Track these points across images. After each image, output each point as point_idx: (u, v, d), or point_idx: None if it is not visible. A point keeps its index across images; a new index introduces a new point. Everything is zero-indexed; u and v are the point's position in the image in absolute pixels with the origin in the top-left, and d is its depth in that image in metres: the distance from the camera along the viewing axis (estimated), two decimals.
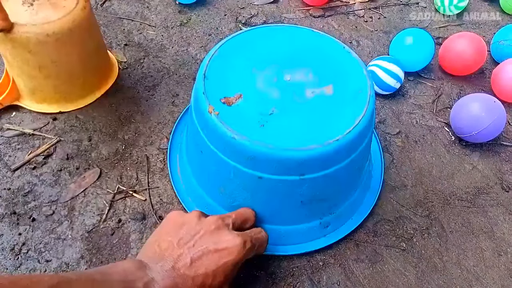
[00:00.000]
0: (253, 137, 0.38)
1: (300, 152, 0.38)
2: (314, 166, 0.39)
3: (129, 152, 0.54)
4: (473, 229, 0.51)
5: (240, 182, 0.42)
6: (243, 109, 0.41)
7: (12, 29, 0.48)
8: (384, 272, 0.46)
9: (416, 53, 0.64)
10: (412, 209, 0.51)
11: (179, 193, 0.50)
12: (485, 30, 0.78)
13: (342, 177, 0.43)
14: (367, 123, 0.41)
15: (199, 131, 0.42)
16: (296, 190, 0.41)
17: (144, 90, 0.62)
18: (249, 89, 0.42)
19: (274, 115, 0.40)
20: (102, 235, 0.47)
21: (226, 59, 0.44)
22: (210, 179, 0.45)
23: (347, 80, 0.44)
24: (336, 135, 0.39)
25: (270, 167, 0.39)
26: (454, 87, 0.67)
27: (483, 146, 0.59)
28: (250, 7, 0.77)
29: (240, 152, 0.39)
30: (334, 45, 0.47)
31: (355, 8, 0.79)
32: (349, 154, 0.41)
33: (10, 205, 0.48)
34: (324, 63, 0.45)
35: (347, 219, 0.48)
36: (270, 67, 0.45)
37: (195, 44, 0.69)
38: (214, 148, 0.41)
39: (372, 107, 0.42)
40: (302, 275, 0.45)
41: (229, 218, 0.40)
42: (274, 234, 0.44)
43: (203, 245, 0.37)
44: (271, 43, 0.47)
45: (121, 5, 0.75)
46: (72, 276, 0.31)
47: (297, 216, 0.45)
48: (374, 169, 0.54)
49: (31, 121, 0.56)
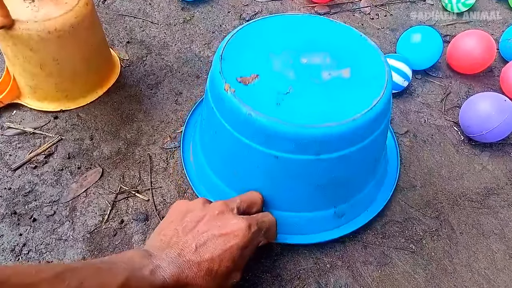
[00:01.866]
0: (269, 114, 0.38)
1: (317, 129, 0.37)
2: (330, 145, 0.39)
3: (132, 152, 0.53)
4: (483, 230, 0.49)
5: (255, 163, 0.41)
6: (260, 88, 0.40)
7: (13, 26, 0.47)
8: (393, 274, 0.45)
9: (424, 51, 0.63)
10: (421, 210, 0.50)
11: (190, 179, 0.50)
12: (493, 28, 0.76)
13: (357, 162, 0.42)
14: (384, 106, 0.40)
15: (215, 111, 0.42)
16: (312, 171, 0.40)
17: (146, 88, 0.61)
18: (265, 70, 0.42)
19: (290, 94, 0.40)
20: (104, 236, 0.46)
21: (243, 43, 0.45)
22: (224, 162, 0.45)
23: (365, 65, 0.44)
24: (353, 115, 0.38)
25: (286, 146, 0.38)
26: (463, 86, 0.66)
27: (493, 146, 0.58)
28: (254, 4, 0.76)
29: (256, 130, 0.38)
30: (351, 33, 0.47)
31: (361, 6, 0.78)
32: (365, 136, 0.40)
33: (11, 205, 0.47)
34: (341, 48, 0.45)
35: (362, 211, 0.47)
36: (287, 51, 0.44)
37: (198, 42, 0.68)
38: (229, 126, 0.41)
39: (389, 92, 0.42)
40: (309, 277, 0.44)
41: (234, 203, 0.40)
42: (286, 222, 0.44)
43: (207, 231, 0.37)
44: (289, 30, 0.47)
45: (123, 2, 0.74)
46: (77, 265, 0.31)
47: (311, 202, 0.44)
48: (390, 166, 0.53)
49: (32, 119, 0.55)
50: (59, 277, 0.28)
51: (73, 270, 0.30)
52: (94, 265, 0.32)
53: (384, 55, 0.61)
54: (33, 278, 0.27)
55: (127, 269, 0.32)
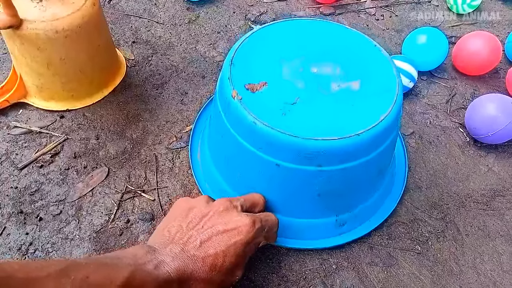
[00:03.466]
0: (273, 124, 0.38)
1: (319, 142, 0.37)
2: (332, 158, 0.39)
3: (137, 151, 0.53)
4: (489, 232, 0.49)
5: (257, 169, 0.41)
6: (267, 97, 0.40)
7: (21, 25, 0.47)
8: (399, 276, 0.45)
9: (430, 52, 0.63)
10: (427, 212, 0.50)
11: (196, 176, 0.50)
12: (498, 30, 0.76)
13: (360, 174, 0.42)
14: (390, 122, 0.40)
15: (222, 115, 0.43)
16: (313, 181, 0.40)
17: (152, 88, 0.61)
18: (274, 78, 0.42)
19: (297, 105, 0.40)
20: (110, 236, 0.46)
21: (254, 48, 0.45)
22: (229, 165, 0.45)
23: (375, 78, 0.43)
24: (357, 130, 0.38)
25: (288, 155, 0.39)
26: (468, 87, 0.66)
27: (499, 148, 0.58)
28: (259, 4, 0.76)
29: (260, 138, 0.39)
30: (365, 42, 0.47)
31: (366, 6, 0.78)
32: (369, 151, 0.40)
33: (17, 204, 0.47)
34: (353, 59, 0.45)
35: (365, 221, 0.47)
36: (297, 59, 0.44)
37: (204, 42, 0.68)
38: (235, 132, 0.41)
39: (398, 107, 0.41)
40: (314, 278, 0.44)
41: (237, 201, 0.40)
42: (287, 226, 0.44)
43: (212, 226, 0.37)
44: (301, 36, 0.47)
45: (129, 2, 0.74)
46: (82, 261, 0.31)
47: (313, 209, 0.44)
48: (397, 174, 0.52)
49: (38, 118, 0.55)
50: (64, 272, 0.29)
51: (78, 265, 0.30)
52: (98, 260, 0.32)
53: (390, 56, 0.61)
54: (38, 273, 0.28)
55: (132, 264, 0.32)
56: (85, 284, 0.29)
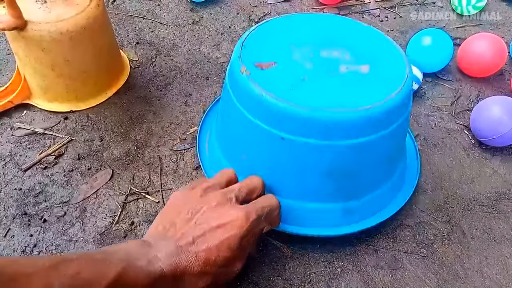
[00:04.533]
0: (281, 96, 0.38)
1: (326, 112, 0.37)
2: (338, 132, 0.38)
3: (141, 153, 0.53)
4: (495, 235, 0.49)
5: (262, 145, 0.41)
6: (275, 74, 0.41)
7: (25, 27, 0.47)
8: (404, 279, 0.45)
9: (435, 54, 0.63)
10: (432, 214, 0.50)
11: (203, 163, 0.50)
12: (504, 31, 0.76)
13: (368, 154, 0.42)
14: (401, 101, 0.40)
15: (230, 92, 0.43)
16: (318, 156, 0.40)
17: (156, 90, 0.61)
18: (283, 59, 0.43)
19: (305, 81, 0.41)
20: (115, 238, 0.46)
21: (266, 34, 0.45)
22: (234, 145, 0.45)
23: (385, 64, 0.44)
24: (368, 104, 0.38)
25: (293, 127, 0.38)
26: (473, 89, 0.65)
27: (504, 150, 0.57)
28: (262, 5, 0.76)
29: (266, 110, 0.39)
30: (374, 33, 0.47)
31: (370, 7, 0.78)
32: (378, 128, 0.40)
33: (21, 205, 0.47)
34: (363, 47, 0.45)
35: (374, 213, 0.47)
36: (308, 45, 0.45)
37: (208, 43, 0.68)
38: (241, 106, 0.41)
39: (409, 89, 0.41)
40: (319, 281, 0.44)
41: (232, 192, 0.39)
42: (290, 212, 0.43)
43: (204, 222, 0.37)
44: (312, 27, 0.47)
45: (132, 3, 0.74)
46: (73, 256, 0.31)
47: (317, 191, 0.43)
48: (408, 173, 0.52)
49: (42, 120, 0.55)
50: (55, 268, 0.29)
51: (69, 261, 0.30)
52: (90, 256, 0.32)
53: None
54: (29, 268, 0.28)
55: (124, 260, 0.32)
56: (76, 280, 0.29)
